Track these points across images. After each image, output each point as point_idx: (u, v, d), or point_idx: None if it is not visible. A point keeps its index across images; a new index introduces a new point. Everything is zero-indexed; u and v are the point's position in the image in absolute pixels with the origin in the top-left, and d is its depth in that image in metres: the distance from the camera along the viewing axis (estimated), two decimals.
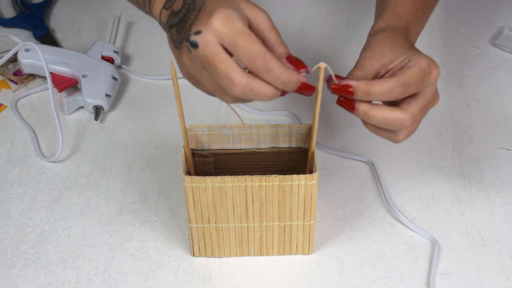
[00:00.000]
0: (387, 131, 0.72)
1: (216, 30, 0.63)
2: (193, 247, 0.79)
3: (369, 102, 0.70)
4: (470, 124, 0.95)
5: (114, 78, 0.97)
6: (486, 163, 0.90)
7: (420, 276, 0.78)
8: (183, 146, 0.75)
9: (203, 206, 0.74)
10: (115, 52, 1.00)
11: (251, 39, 0.63)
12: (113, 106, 0.97)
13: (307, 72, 0.66)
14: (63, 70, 0.97)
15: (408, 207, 0.85)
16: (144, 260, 0.80)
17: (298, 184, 0.73)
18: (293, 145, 0.79)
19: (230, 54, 0.64)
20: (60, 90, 0.95)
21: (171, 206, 0.85)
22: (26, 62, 0.97)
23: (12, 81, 1.00)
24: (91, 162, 0.90)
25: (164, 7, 0.71)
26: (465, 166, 0.89)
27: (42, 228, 0.83)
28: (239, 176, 0.72)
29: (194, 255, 0.80)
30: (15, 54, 0.98)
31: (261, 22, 0.67)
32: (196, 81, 0.68)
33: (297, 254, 0.80)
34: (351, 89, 0.69)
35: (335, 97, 0.96)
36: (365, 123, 0.72)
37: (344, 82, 0.69)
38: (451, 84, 1.00)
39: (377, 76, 0.73)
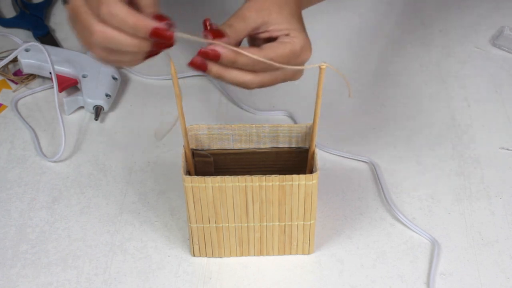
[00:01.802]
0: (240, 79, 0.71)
1: None
2: (193, 247, 0.79)
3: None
4: (470, 124, 0.95)
5: (114, 78, 0.97)
6: (486, 163, 0.90)
7: (420, 276, 0.78)
8: (183, 146, 0.75)
9: (203, 206, 0.74)
10: None
11: None
12: (113, 106, 0.97)
13: (171, 25, 0.65)
14: (63, 70, 0.97)
15: (408, 207, 0.85)
16: (144, 260, 0.80)
17: (298, 184, 0.73)
18: (293, 145, 0.79)
19: None
20: (61, 90, 0.95)
21: (171, 206, 0.85)
22: (26, 62, 0.97)
23: (12, 81, 1.00)
24: (91, 162, 0.90)
25: None
26: (465, 166, 0.89)
27: (42, 228, 0.83)
28: (239, 176, 0.72)
29: (194, 255, 0.80)
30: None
31: None
32: (75, 32, 0.69)
33: (297, 254, 0.80)
34: (217, 55, 0.68)
35: (335, 97, 0.97)
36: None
37: (212, 47, 0.67)
38: (451, 84, 1.00)
39: (255, 31, 0.72)
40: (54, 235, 0.82)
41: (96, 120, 0.94)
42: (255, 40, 0.73)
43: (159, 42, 0.66)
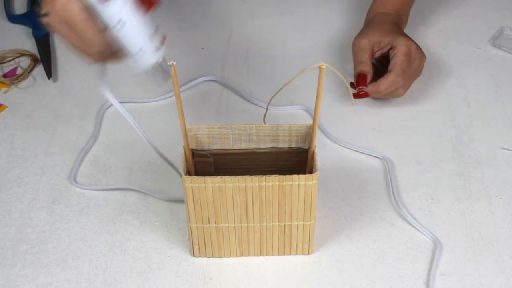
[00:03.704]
0: (390, 93, 0.94)
1: (58, 14, 0.70)
2: (193, 247, 0.79)
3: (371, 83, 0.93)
4: (470, 124, 0.95)
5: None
6: (486, 163, 0.90)
7: (420, 276, 0.78)
8: (183, 146, 0.75)
9: (203, 206, 0.74)
10: None
11: (82, 25, 0.70)
12: (113, 106, 0.97)
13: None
14: None
15: (408, 207, 0.85)
16: (144, 260, 0.80)
17: (298, 184, 0.73)
18: (293, 145, 0.79)
19: None
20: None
21: (171, 206, 0.85)
22: None
23: (3, 83, 1.00)
24: (91, 162, 0.90)
25: None
26: (465, 166, 0.89)
27: (42, 228, 0.83)
28: (239, 176, 0.72)
29: (194, 255, 0.80)
30: (12, 56, 1.00)
31: None
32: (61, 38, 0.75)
33: (297, 254, 0.80)
34: (367, 95, 0.94)
35: (334, 97, 0.97)
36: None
37: (362, 92, 0.93)
38: (451, 84, 1.00)
39: (373, 52, 0.96)
40: (54, 235, 0.82)
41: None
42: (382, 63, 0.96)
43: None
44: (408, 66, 0.93)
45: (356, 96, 0.93)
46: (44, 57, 1.02)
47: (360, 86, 0.93)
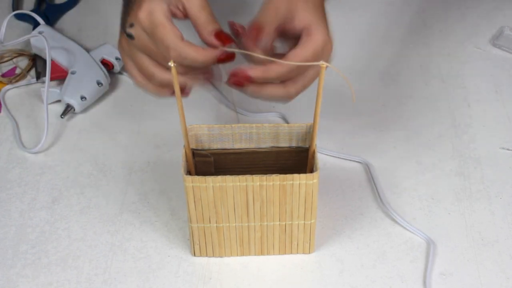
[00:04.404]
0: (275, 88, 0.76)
1: (142, 23, 0.72)
2: (193, 247, 0.79)
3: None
4: (470, 124, 0.95)
5: (99, 83, 0.96)
6: (486, 163, 0.90)
7: (420, 276, 0.78)
8: (184, 146, 0.75)
9: (204, 206, 0.74)
10: (117, 59, 1.00)
11: (164, 30, 0.71)
12: (113, 106, 0.97)
13: (229, 47, 0.72)
14: (60, 60, 0.97)
15: (408, 207, 0.85)
16: (144, 260, 0.80)
17: (299, 184, 0.73)
18: (293, 144, 0.79)
19: None
20: (51, 79, 0.94)
21: (171, 206, 0.85)
22: (35, 43, 0.98)
23: (1, 82, 1.00)
24: (91, 162, 0.90)
25: None
26: (465, 166, 0.89)
27: (42, 228, 0.83)
28: (239, 176, 0.72)
29: (194, 255, 0.80)
30: (10, 55, 1.00)
31: (192, 4, 0.73)
32: (130, 65, 0.77)
33: (297, 253, 0.80)
34: (249, 78, 0.73)
35: (335, 97, 0.97)
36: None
37: (242, 72, 0.72)
38: (451, 84, 1.00)
39: (283, 23, 0.74)
40: (54, 235, 0.82)
41: (62, 117, 0.94)
42: (284, 36, 0.76)
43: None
44: (310, 61, 0.73)
45: (234, 82, 0.73)
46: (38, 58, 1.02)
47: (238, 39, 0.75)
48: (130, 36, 0.73)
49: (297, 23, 0.74)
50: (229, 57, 0.73)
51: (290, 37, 0.75)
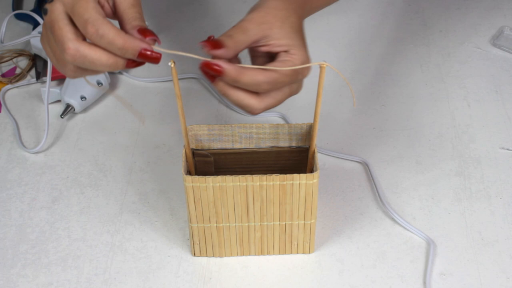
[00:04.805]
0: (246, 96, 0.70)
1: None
2: (193, 247, 0.79)
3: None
4: (470, 124, 0.95)
5: (99, 83, 0.96)
6: (486, 163, 0.90)
7: (420, 276, 0.78)
8: (184, 146, 0.75)
9: (204, 205, 0.74)
10: None
11: (86, 5, 0.64)
12: (113, 106, 0.97)
13: (155, 41, 0.67)
14: None
15: (408, 207, 0.85)
16: (144, 260, 0.80)
17: (299, 183, 0.73)
18: (293, 144, 0.79)
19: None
20: (52, 79, 0.94)
21: (171, 206, 0.85)
22: (35, 44, 0.98)
23: (1, 82, 1.00)
24: (91, 162, 0.90)
25: None
26: (465, 166, 0.89)
27: (42, 228, 0.83)
28: (239, 176, 0.72)
29: (194, 255, 0.80)
30: (10, 55, 1.00)
31: (123, 0, 0.68)
32: (47, 49, 0.69)
33: (297, 253, 0.80)
34: (221, 71, 0.67)
35: (335, 97, 0.97)
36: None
37: (216, 62, 0.67)
38: (451, 84, 1.00)
39: (255, 44, 0.70)
40: (54, 235, 0.82)
41: (62, 117, 0.94)
42: (255, 52, 0.72)
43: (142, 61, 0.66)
44: (286, 83, 0.70)
45: (205, 66, 0.67)
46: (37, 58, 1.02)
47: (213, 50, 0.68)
48: (45, 11, 0.67)
49: (275, 47, 0.70)
50: (153, 57, 0.66)
51: (260, 55, 0.72)
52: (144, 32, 0.67)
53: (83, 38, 0.66)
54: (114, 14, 0.69)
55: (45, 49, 0.69)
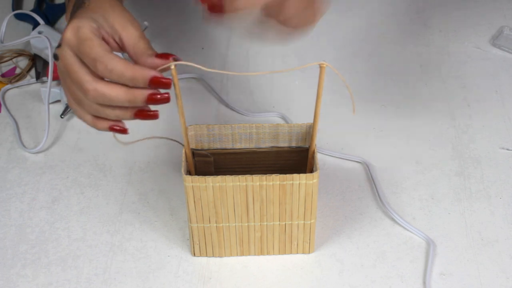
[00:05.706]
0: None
1: (68, 41, 0.67)
2: (193, 247, 0.79)
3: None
4: (470, 124, 0.95)
5: None
6: (486, 163, 0.90)
7: (420, 276, 0.78)
8: (183, 146, 0.75)
9: (204, 205, 0.74)
10: None
11: (91, 44, 0.66)
12: None
13: (175, 59, 0.68)
14: None
15: (408, 207, 0.85)
16: (144, 260, 0.80)
17: (299, 183, 0.73)
18: (293, 144, 0.79)
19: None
20: (54, 79, 0.95)
21: (171, 206, 0.85)
22: (35, 44, 0.99)
23: (1, 82, 1.00)
24: (91, 162, 0.90)
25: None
26: (465, 166, 0.89)
27: (42, 228, 0.83)
28: (239, 176, 0.72)
29: (194, 255, 0.80)
30: (10, 55, 1.00)
31: (131, 34, 0.69)
32: (67, 95, 0.71)
33: (297, 253, 0.80)
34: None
35: (335, 97, 0.97)
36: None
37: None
38: (451, 84, 1.00)
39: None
40: (54, 235, 0.82)
41: (62, 117, 0.94)
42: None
43: (155, 99, 0.69)
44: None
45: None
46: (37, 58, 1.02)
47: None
48: (55, 57, 0.69)
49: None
50: (164, 83, 0.67)
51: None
52: (162, 56, 0.69)
53: (99, 76, 0.67)
54: (121, 48, 0.71)
55: (66, 94, 0.71)
